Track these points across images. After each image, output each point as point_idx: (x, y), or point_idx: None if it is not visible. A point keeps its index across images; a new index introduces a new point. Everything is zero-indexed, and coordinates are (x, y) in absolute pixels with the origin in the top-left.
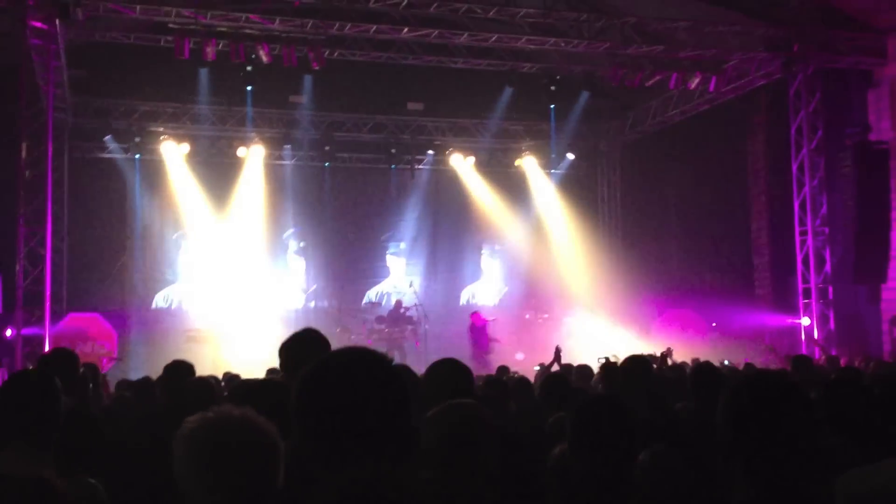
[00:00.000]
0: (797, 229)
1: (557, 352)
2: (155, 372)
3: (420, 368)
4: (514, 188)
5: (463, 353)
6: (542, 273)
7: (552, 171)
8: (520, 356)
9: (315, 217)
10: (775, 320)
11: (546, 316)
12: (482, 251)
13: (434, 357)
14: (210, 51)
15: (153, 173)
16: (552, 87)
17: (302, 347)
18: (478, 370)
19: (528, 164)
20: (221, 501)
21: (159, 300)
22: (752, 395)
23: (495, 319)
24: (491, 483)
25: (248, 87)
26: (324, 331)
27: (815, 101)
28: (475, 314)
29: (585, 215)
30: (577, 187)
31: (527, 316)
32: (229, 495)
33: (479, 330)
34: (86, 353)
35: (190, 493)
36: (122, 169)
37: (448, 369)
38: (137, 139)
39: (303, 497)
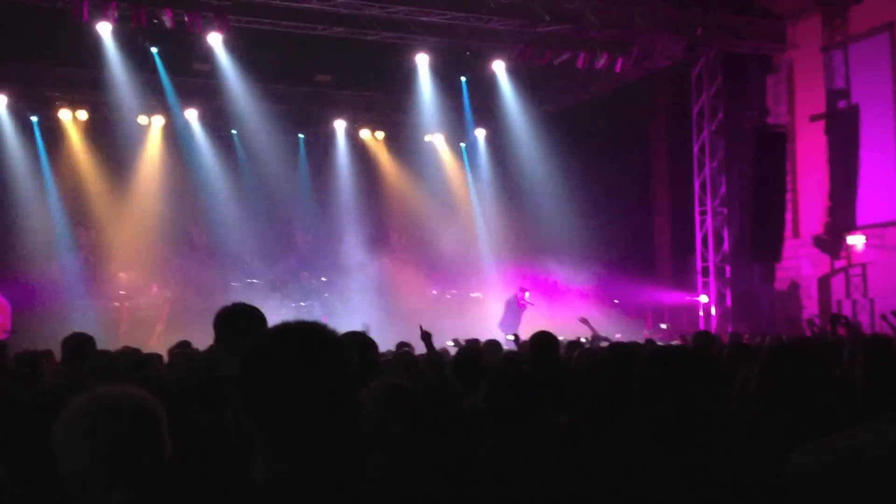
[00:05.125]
0: (696, 209)
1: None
2: (51, 345)
3: None
4: (423, 162)
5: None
6: (450, 248)
7: (462, 145)
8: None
9: (220, 187)
10: (674, 297)
11: (454, 292)
12: (391, 226)
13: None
14: (111, 14)
15: (49, 139)
16: (463, 63)
17: (236, 321)
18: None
19: (438, 139)
20: (107, 477)
21: (57, 271)
22: (663, 368)
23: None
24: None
25: (154, 50)
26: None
27: (717, 84)
28: (522, 292)
29: (493, 192)
30: (486, 163)
31: (434, 292)
32: (115, 471)
33: (519, 308)
34: None
35: (76, 474)
36: (16, 134)
37: (354, 343)
38: (32, 104)
39: (239, 478)
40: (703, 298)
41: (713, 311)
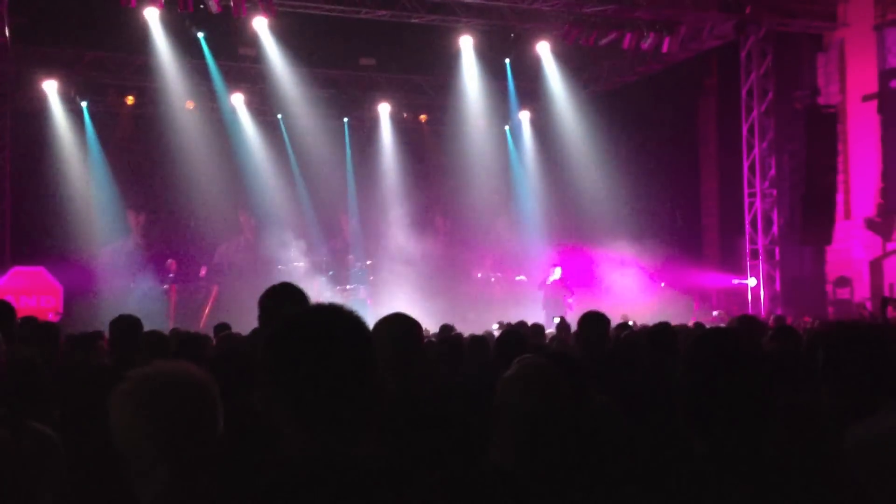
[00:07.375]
0: (745, 191)
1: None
2: (102, 327)
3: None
4: (467, 145)
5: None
6: (495, 232)
7: (506, 128)
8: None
9: (267, 170)
10: (722, 280)
11: (499, 275)
12: (436, 209)
13: (384, 313)
14: None
15: (99, 124)
16: (507, 45)
17: (279, 300)
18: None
19: (482, 121)
20: (160, 452)
21: (108, 254)
22: (710, 350)
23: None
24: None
25: (200, 35)
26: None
27: (766, 64)
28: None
29: (537, 174)
30: (531, 145)
31: (479, 275)
32: (168, 446)
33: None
34: (30, 307)
35: (129, 449)
36: (67, 119)
37: (399, 324)
38: (81, 89)
39: (263, 452)
40: (752, 281)
41: (762, 294)
